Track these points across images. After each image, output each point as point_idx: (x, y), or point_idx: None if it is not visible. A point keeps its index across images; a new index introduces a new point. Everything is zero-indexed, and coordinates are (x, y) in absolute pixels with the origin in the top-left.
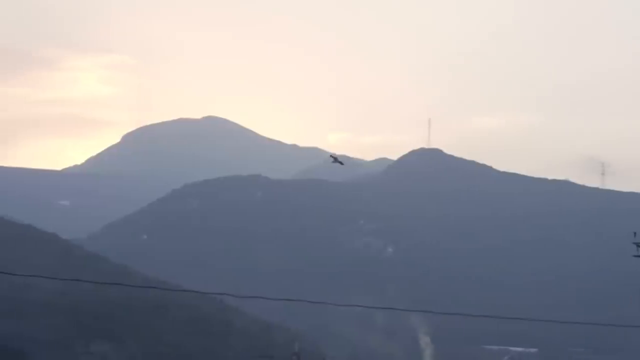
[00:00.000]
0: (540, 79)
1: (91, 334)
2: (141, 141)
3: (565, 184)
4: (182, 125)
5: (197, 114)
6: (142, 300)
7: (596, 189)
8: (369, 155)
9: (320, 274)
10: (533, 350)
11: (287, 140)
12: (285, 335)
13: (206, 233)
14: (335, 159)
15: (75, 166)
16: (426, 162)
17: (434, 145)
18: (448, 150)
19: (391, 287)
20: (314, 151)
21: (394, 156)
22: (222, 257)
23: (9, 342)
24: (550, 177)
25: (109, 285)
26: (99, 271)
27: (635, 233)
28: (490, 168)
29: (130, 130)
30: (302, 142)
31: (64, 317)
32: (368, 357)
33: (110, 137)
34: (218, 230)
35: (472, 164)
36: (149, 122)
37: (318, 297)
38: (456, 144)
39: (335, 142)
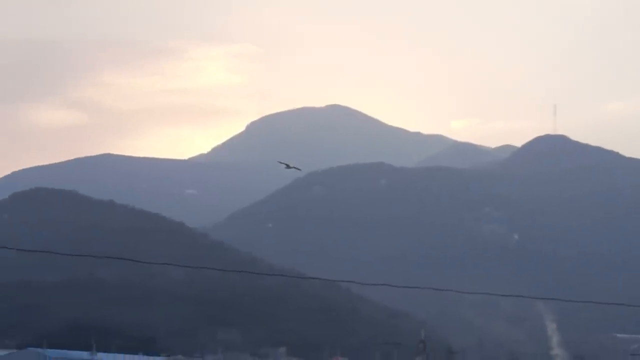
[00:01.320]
0: None
1: (217, 321)
2: (265, 130)
3: None
4: (305, 114)
5: (321, 103)
6: (268, 289)
7: None
8: (493, 142)
9: (445, 261)
10: None
11: (411, 127)
12: (411, 322)
13: (330, 221)
14: (287, 165)
15: (201, 155)
16: (552, 149)
17: (560, 131)
18: (574, 136)
19: (517, 274)
20: (438, 138)
21: (519, 143)
22: (346, 245)
23: (139, 329)
24: None
25: (235, 274)
26: (224, 260)
27: None
28: (617, 154)
29: (254, 119)
30: (426, 130)
31: (190, 305)
32: (494, 344)
33: (235, 126)
34: (342, 218)
35: (599, 150)
36: (273, 111)
37: (443, 284)
38: (582, 130)
39: (459, 129)
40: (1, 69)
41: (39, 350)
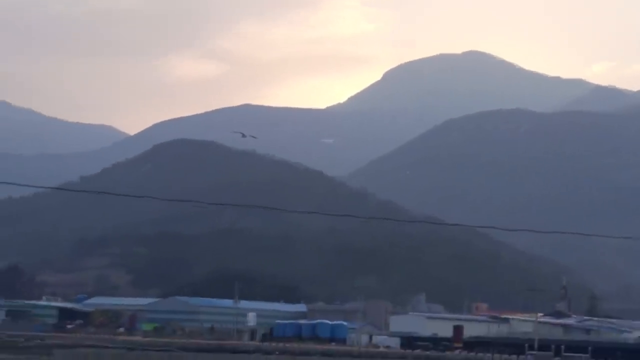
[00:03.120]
0: None
1: (357, 269)
2: (402, 78)
3: None
4: (443, 61)
5: (458, 49)
6: (407, 236)
7: None
8: (635, 85)
9: (586, 206)
10: None
11: (550, 72)
12: (553, 268)
13: (469, 167)
14: (243, 135)
15: (338, 104)
16: None
17: None
18: None
19: None
20: (578, 82)
21: None
22: (486, 191)
23: (281, 278)
24: None
25: (374, 221)
26: (363, 208)
27: None
28: None
29: (391, 67)
30: (565, 74)
31: (330, 253)
32: (638, 290)
33: (372, 75)
34: (482, 164)
35: None
36: (410, 59)
37: (584, 229)
38: None
39: (600, 72)
40: (140, 21)
41: (184, 298)
